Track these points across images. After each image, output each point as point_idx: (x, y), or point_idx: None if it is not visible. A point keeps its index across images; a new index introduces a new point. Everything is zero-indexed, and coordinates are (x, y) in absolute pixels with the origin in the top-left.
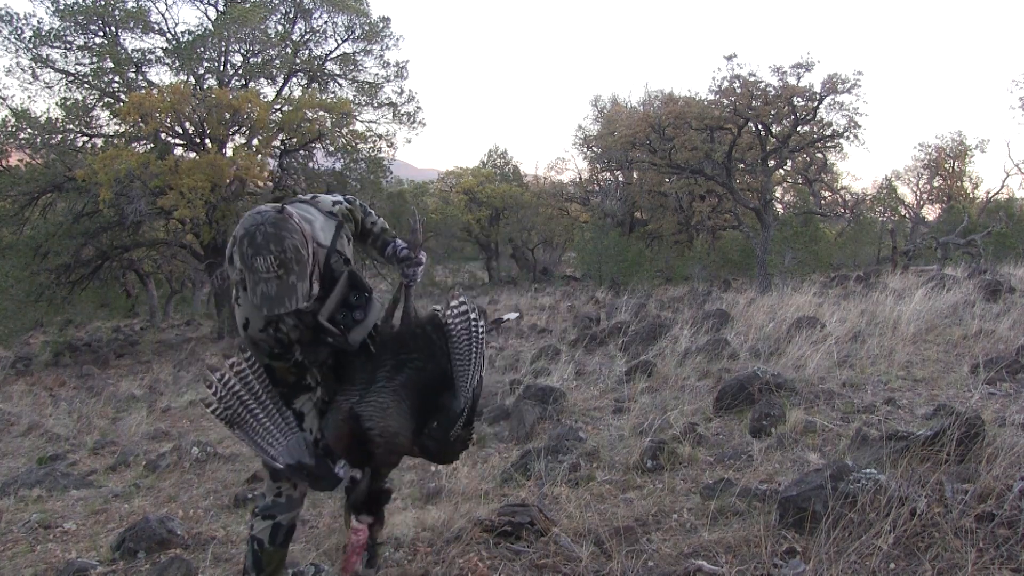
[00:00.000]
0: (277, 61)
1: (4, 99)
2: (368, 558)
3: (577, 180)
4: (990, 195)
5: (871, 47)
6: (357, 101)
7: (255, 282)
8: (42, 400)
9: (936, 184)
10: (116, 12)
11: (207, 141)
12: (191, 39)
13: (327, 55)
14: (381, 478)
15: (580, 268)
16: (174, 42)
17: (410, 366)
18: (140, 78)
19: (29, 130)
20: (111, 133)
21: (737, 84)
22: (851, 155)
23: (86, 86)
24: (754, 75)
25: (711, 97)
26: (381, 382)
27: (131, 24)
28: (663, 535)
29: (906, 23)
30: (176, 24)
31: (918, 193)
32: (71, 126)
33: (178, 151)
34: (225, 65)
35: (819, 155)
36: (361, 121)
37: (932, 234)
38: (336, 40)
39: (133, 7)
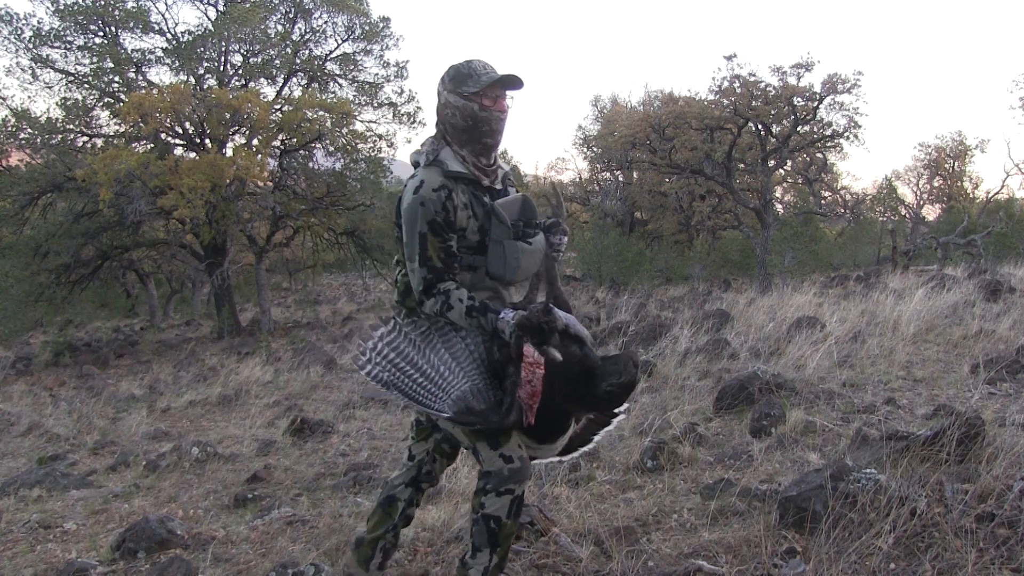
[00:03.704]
0: (277, 61)
1: (4, 99)
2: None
3: (577, 180)
4: (990, 195)
5: (871, 47)
6: (357, 101)
7: (475, 71)
8: (42, 400)
9: (936, 184)
10: (116, 12)
11: (207, 141)
12: (191, 39)
13: (327, 55)
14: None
15: (580, 268)
16: (174, 42)
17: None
18: (140, 78)
19: (29, 130)
20: (111, 133)
21: (737, 84)
22: (851, 155)
23: (86, 86)
24: (754, 75)
25: (711, 97)
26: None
27: (131, 24)
28: (663, 535)
29: (906, 23)
30: (176, 24)
31: (918, 193)
32: (71, 126)
33: (178, 151)
34: (225, 65)
35: (819, 155)
36: (361, 121)
37: (932, 234)
38: (336, 40)
39: (133, 7)
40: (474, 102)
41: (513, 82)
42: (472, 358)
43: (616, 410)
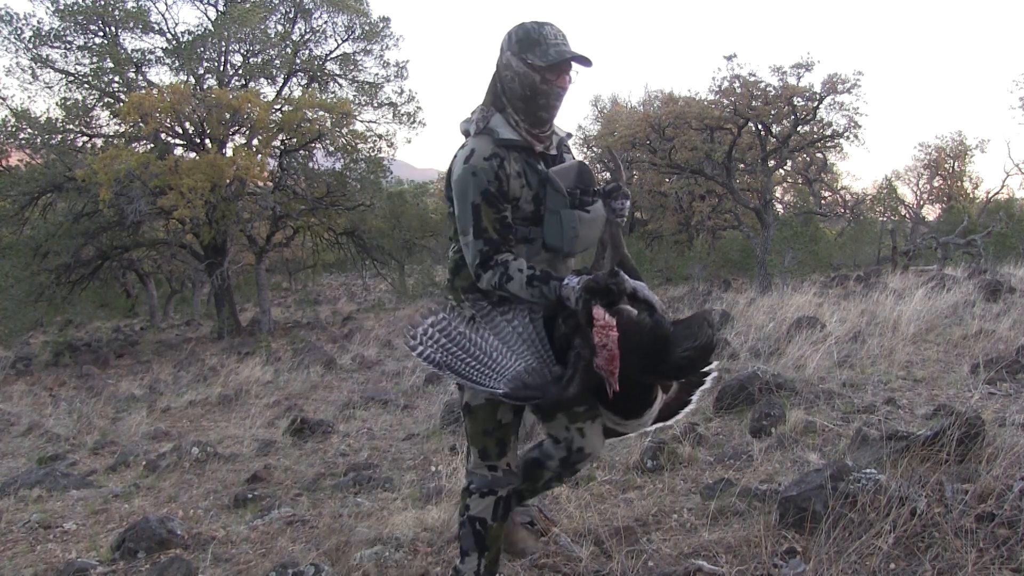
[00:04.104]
0: (277, 61)
1: (4, 99)
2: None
3: None
4: (990, 195)
5: (871, 47)
6: (357, 101)
7: (546, 40)
8: (42, 400)
9: (936, 184)
10: (116, 12)
11: (207, 141)
12: (191, 39)
13: (327, 55)
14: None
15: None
16: (174, 42)
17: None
18: (140, 78)
19: (29, 130)
20: (111, 133)
21: (737, 84)
22: (851, 155)
23: (86, 86)
24: (754, 75)
25: (711, 97)
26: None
27: (131, 24)
28: (663, 535)
29: (906, 23)
30: (176, 24)
31: (918, 193)
32: (71, 126)
33: (178, 151)
34: (225, 65)
35: (819, 155)
36: (361, 121)
37: (932, 234)
38: (336, 40)
39: (133, 7)
40: (537, 73)
41: (581, 62)
42: (522, 339)
43: (704, 369)
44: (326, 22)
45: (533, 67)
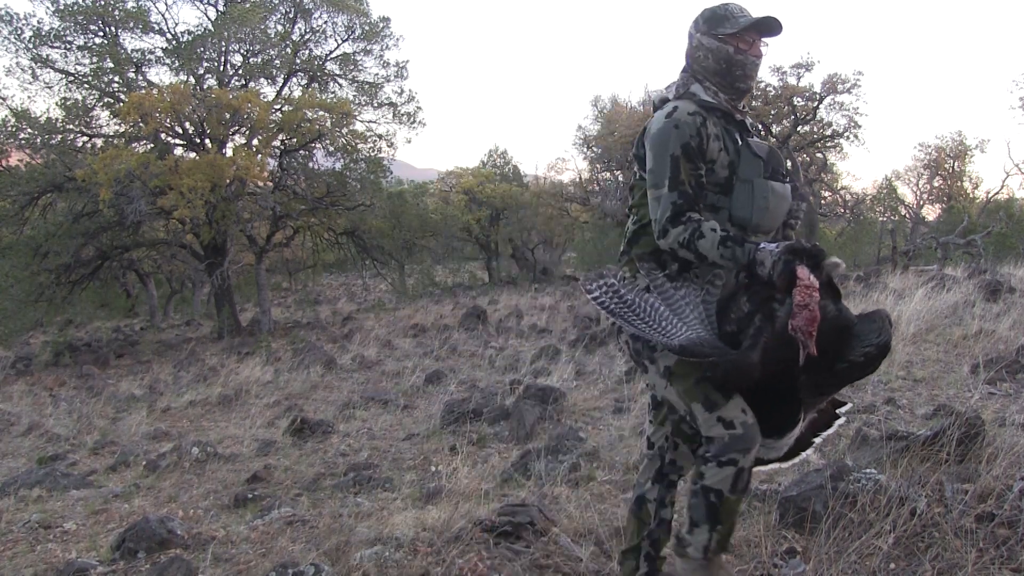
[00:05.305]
0: (277, 61)
1: (4, 99)
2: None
3: (577, 180)
4: (990, 195)
5: (871, 47)
6: (357, 101)
7: (732, 13)
8: (42, 400)
9: (936, 184)
10: (116, 12)
11: (207, 141)
12: (191, 39)
13: (327, 55)
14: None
15: (580, 268)
16: (174, 42)
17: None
18: (140, 78)
19: (29, 130)
20: (111, 133)
21: None
22: (851, 155)
23: (86, 86)
24: None
25: None
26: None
27: (131, 24)
28: None
29: (906, 23)
30: (176, 24)
31: (918, 193)
32: (71, 126)
33: (178, 151)
34: (225, 65)
35: (819, 155)
36: (361, 121)
37: (932, 234)
38: (336, 40)
39: (133, 7)
40: (730, 44)
41: (771, 27)
42: (695, 313)
43: (839, 411)
44: (326, 22)
45: (726, 39)
